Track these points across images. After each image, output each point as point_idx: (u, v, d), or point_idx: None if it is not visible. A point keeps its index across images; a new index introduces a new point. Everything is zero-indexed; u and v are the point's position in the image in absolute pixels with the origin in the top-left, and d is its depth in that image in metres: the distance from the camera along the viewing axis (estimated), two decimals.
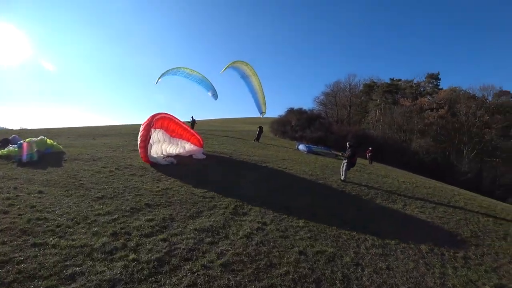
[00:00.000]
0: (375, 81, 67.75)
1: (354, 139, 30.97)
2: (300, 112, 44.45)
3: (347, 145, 12.51)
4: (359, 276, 4.98)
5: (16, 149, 10.91)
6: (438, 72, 62.53)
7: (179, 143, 13.24)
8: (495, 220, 10.27)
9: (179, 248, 4.83)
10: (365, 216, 8.56)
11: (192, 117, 28.98)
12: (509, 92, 54.11)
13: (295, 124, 39.80)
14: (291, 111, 45.23)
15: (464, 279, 5.55)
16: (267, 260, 4.89)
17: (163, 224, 5.75)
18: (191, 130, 13.71)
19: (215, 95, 20.31)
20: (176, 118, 12.69)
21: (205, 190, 8.44)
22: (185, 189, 8.39)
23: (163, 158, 11.49)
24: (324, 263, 5.16)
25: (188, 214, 6.52)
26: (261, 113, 19.46)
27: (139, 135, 10.82)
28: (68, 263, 4.00)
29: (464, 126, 49.64)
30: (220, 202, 7.59)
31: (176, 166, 10.96)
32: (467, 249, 7.17)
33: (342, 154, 13.14)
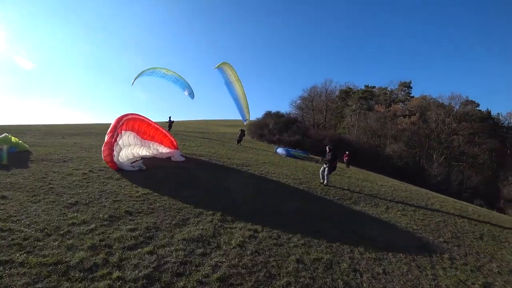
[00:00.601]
0: (350, 87, 70.11)
1: (331, 143, 31.57)
2: (277, 115, 44.61)
3: (327, 149, 12.54)
4: (359, 282, 4.82)
5: None
6: (410, 81, 66.23)
7: (151, 145, 12.34)
8: (470, 221, 10.76)
9: (169, 261, 4.36)
10: (353, 220, 8.54)
11: (169, 118, 28.01)
12: (474, 102, 58.61)
13: (272, 128, 39.86)
14: (268, 114, 45.26)
15: (455, 279, 5.63)
16: (266, 271, 4.58)
17: (147, 234, 5.23)
18: (164, 131, 12.86)
19: (191, 94, 19.73)
20: (148, 119, 11.90)
21: (188, 195, 7.96)
22: (167, 193, 7.84)
23: (131, 163, 10.23)
24: (323, 271, 4.95)
25: (173, 222, 6.01)
26: (245, 120, 19.25)
27: (106, 137, 9.67)
28: (39, 285, 3.40)
29: (434, 132, 52.79)
30: (206, 208, 7.15)
31: (156, 169, 10.31)
32: (451, 250, 7.34)
33: (322, 159, 13.13)
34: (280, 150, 24.05)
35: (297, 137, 37.37)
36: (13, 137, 10.69)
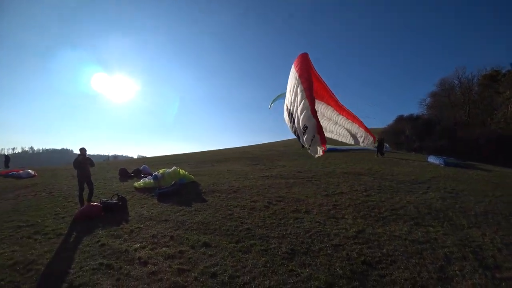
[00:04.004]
0: (497, 69, 53.98)
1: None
2: (412, 119, 37.29)
3: None
4: None
5: (151, 181, 10.14)
6: None
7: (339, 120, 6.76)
8: None
9: None
10: None
11: None
12: None
13: (410, 133, 33.35)
14: (401, 119, 38.43)
15: None
16: None
17: None
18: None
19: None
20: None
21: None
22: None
23: None
24: None
25: None
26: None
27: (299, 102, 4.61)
28: None
29: None
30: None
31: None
32: None
33: None
34: (433, 159, 18.74)
35: (443, 142, 29.79)
36: (180, 169, 10.84)
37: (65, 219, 6.77)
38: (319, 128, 3.96)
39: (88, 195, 8.22)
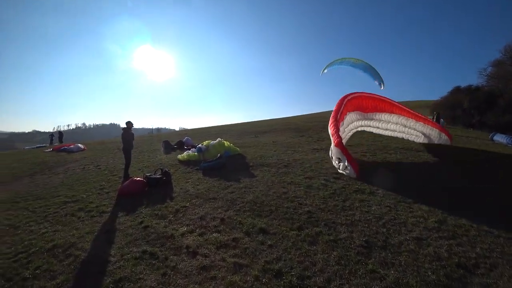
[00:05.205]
0: None
1: None
2: (470, 90, 31.74)
3: None
4: None
5: (195, 153, 9.55)
6: None
7: (379, 117, 9.52)
8: None
9: None
10: None
11: None
12: None
13: (468, 107, 28.67)
14: (458, 90, 33.01)
15: None
16: None
17: None
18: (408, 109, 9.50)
19: (380, 84, 16.57)
20: (379, 96, 8.78)
21: None
22: None
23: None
24: None
25: None
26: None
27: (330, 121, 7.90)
28: None
29: None
30: None
31: None
32: None
33: None
34: (499, 138, 15.29)
35: (506, 117, 25.02)
36: (225, 141, 10.03)
37: (109, 194, 6.39)
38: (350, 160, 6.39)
39: (125, 168, 8.01)
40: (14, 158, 13.45)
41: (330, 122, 7.77)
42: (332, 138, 7.19)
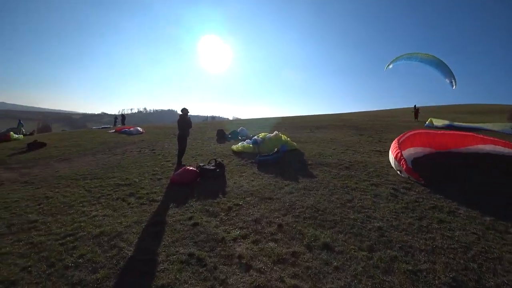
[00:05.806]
0: None
1: None
2: None
3: None
4: None
5: (250, 145, 9.02)
6: None
7: None
8: None
9: None
10: None
11: (414, 106, 24.50)
12: None
13: None
14: None
15: None
16: None
17: None
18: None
19: (452, 82, 14.52)
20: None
21: None
22: None
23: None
24: None
25: None
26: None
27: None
28: None
29: None
30: None
31: None
32: None
33: None
34: None
35: None
36: (282, 135, 9.29)
37: (161, 181, 6.17)
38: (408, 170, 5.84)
39: (178, 155, 7.85)
40: (83, 136, 14.65)
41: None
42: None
